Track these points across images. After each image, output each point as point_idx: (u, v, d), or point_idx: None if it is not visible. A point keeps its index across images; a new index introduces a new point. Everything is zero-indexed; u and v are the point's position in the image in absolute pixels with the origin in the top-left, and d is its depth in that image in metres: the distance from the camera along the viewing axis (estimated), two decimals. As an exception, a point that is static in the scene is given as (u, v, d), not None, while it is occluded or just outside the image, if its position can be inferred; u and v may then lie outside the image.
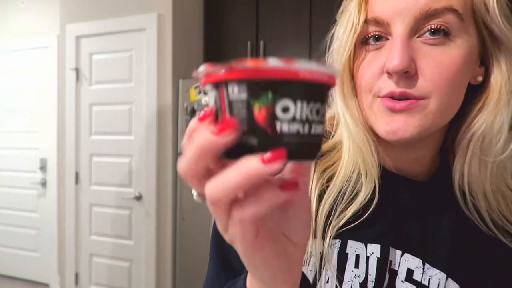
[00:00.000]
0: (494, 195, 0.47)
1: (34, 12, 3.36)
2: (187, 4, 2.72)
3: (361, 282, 0.45)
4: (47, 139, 3.26)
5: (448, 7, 0.40)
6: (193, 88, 2.56)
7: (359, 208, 0.46)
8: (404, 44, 0.40)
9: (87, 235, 2.81)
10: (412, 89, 0.41)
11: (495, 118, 0.43)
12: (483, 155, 0.45)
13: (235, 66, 0.26)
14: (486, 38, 0.43)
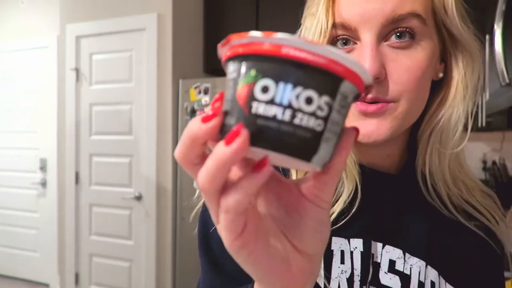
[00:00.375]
0: (454, 182, 0.50)
1: (34, 12, 3.37)
2: (187, 4, 2.72)
3: (348, 277, 0.46)
4: (47, 139, 3.27)
5: (412, 12, 0.41)
6: (193, 88, 2.56)
7: (343, 207, 0.47)
8: (374, 52, 0.41)
9: (87, 235, 2.81)
10: (384, 94, 0.43)
11: (452, 112, 0.46)
12: (442, 147, 0.47)
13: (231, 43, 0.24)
14: (446, 38, 0.46)
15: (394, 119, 0.44)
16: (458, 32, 0.44)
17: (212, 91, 2.51)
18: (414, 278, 0.47)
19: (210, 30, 2.88)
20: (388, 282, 0.47)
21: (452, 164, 0.49)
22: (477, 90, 0.47)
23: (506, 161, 2.49)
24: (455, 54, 0.46)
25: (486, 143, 2.60)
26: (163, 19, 2.56)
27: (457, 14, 0.44)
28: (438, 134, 0.47)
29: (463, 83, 0.46)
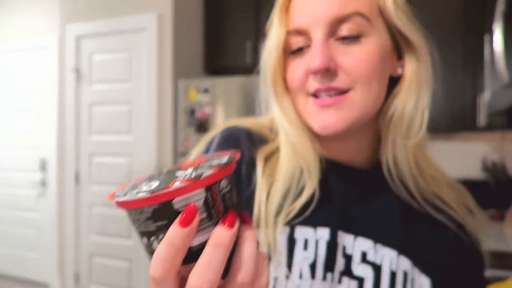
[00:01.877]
0: (422, 176, 0.52)
1: (34, 12, 3.36)
2: (187, 4, 2.72)
3: (310, 263, 0.48)
4: (47, 139, 3.26)
5: (355, 12, 0.46)
6: (193, 88, 2.56)
7: (305, 202, 0.50)
8: (322, 46, 0.46)
9: (87, 235, 2.81)
10: (338, 83, 0.47)
11: (405, 105, 0.49)
12: (401, 140, 0.50)
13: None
14: (396, 34, 0.49)
15: (350, 110, 0.47)
16: (403, 27, 0.48)
17: (212, 91, 2.51)
18: (386, 268, 0.49)
19: (210, 30, 2.88)
20: (360, 272, 0.49)
21: (417, 157, 0.51)
22: (429, 86, 0.50)
23: (506, 161, 2.49)
24: (408, 51, 0.50)
25: (486, 143, 2.60)
26: (163, 19, 2.56)
27: (402, 14, 0.48)
28: (394, 127, 0.50)
29: (416, 78, 0.49)
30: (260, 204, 0.50)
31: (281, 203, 0.50)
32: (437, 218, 0.52)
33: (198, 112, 2.54)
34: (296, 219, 0.50)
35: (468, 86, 2.32)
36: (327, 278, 0.48)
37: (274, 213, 0.49)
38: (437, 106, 2.13)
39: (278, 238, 0.48)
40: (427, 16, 2.23)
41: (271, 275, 0.47)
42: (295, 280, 0.48)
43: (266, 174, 0.52)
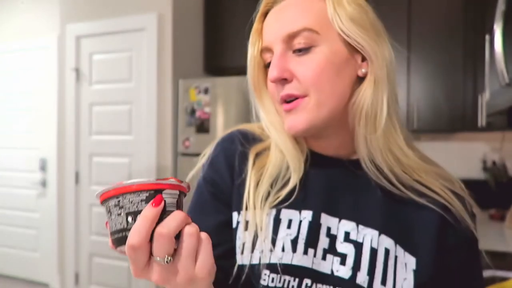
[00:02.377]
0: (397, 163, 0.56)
1: (34, 12, 3.37)
2: (187, 4, 2.72)
3: (292, 239, 0.55)
4: (47, 139, 3.26)
5: (303, 28, 0.53)
6: (193, 88, 2.56)
7: (290, 190, 0.57)
8: (278, 59, 0.55)
9: (87, 235, 2.81)
10: (293, 90, 0.55)
11: (365, 101, 0.54)
12: (367, 133, 0.55)
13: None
14: (350, 40, 0.54)
15: (307, 111, 0.54)
16: (354, 37, 0.53)
17: (212, 91, 2.51)
18: (366, 245, 0.55)
19: (210, 30, 2.88)
20: (343, 250, 0.55)
21: (391, 148, 0.56)
22: (389, 83, 0.55)
23: (506, 161, 2.49)
24: (364, 51, 0.55)
25: (486, 143, 2.60)
26: (163, 19, 2.56)
27: (350, 22, 0.53)
28: (360, 121, 0.55)
29: (373, 77, 0.54)
30: (249, 191, 0.58)
31: (268, 190, 0.57)
32: (420, 201, 0.56)
33: (198, 112, 2.54)
34: (282, 204, 0.57)
35: (468, 86, 2.32)
36: (308, 253, 0.54)
37: (261, 198, 0.57)
38: (437, 106, 2.13)
39: (265, 219, 0.56)
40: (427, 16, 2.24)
41: (258, 249, 0.55)
42: (278, 253, 0.54)
43: (256, 166, 0.60)
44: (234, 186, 0.60)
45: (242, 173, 0.60)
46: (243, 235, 0.57)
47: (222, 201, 0.61)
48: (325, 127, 0.56)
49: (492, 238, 1.86)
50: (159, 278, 0.40)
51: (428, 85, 2.40)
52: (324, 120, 0.55)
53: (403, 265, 0.54)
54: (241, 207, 0.58)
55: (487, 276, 1.28)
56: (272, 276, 0.54)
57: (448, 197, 0.57)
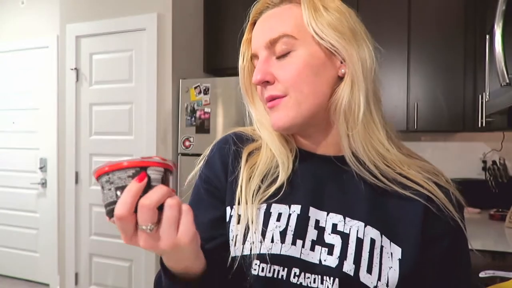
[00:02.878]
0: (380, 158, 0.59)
1: (34, 12, 3.37)
2: (187, 4, 2.72)
3: (281, 231, 0.59)
4: (47, 139, 3.27)
5: (282, 35, 0.59)
6: (193, 88, 2.56)
7: (279, 186, 0.61)
8: (262, 64, 0.60)
9: (87, 235, 2.81)
10: (275, 92, 0.60)
11: (343, 98, 0.58)
12: (348, 130, 0.59)
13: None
14: (325, 42, 0.58)
15: (287, 109, 0.59)
16: (328, 39, 0.57)
17: (212, 91, 2.51)
18: (353, 235, 0.58)
19: (210, 30, 2.88)
20: (331, 240, 0.58)
21: (373, 144, 0.59)
22: (367, 82, 0.58)
23: (506, 161, 2.49)
24: (340, 53, 0.59)
25: (486, 143, 2.60)
26: (163, 19, 2.56)
27: (324, 27, 0.58)
28: (339, 117, 0.59)
29: (349, 76, 0.58)
30: (241, 186, 0.62)
31: (259, 185, 0.62)
32: (404, 193, 0.58)
33: (198, 112, 2.54)
34: (272, 199, 0.61)
35: (468, 86, 2.32)
36: (297, 244, 0.58)
37: (252, 193, 0.61)
38: (437, 106, 2.13)
39: (255, 212, 0.60)
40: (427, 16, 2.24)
41: (249, 241, 0.59)
42: (267, 244, 0.58)
43: (248, 163, 0.65)
44: (228, 183, 0.65)
45: (235, 171, 0.65)
46: (235, 228, 0.61)
47: (216, 197, 0.65)
48: (307, 124, 0.61)
49: (492, 238, 1.86)
50: (145, 244, 0.44)
51: (428, 85, 2.40)
52: (305, 117, 0.59)
53: (389, 255, 0.57)
54: (234, 202, 0.62)
55: (487, 276, 1.28)
56: (262, 266, 0.58)
57: (431, 188, 0.59)
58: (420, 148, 2.71)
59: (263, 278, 0.57)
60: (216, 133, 2.49)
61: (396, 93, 2.45)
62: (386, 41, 2.44)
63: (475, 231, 1.96)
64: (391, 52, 2.44)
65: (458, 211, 0.60)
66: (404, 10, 2.42)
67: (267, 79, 0.60)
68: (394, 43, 2.43)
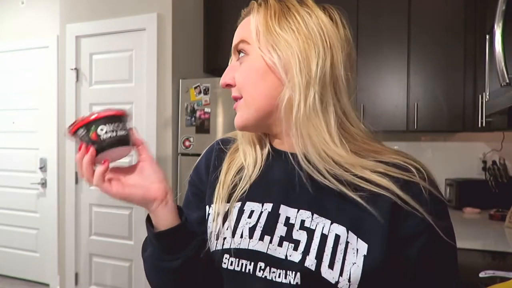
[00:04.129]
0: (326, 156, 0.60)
1: (34, 12, 3.37)
2: (187, 4, 2.72)
3: (250, 227, 0.63)
4: (47, 139, 3.27)
5: (240, 40, 0.65)
6: (193, 88, 2.56)
7: (251, 185, 0.66)
8: (228, 68, 0.67)
9: (87, 235, 2.81)
10: (234, 93, 0.66)
11: (284, 100, 0.60)
12: (289, 128, 0.61)
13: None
14: (262, 53, 0.61)
15: (243, 110, 0.64)
16: (268, 61, 0.60)
17: (212, 91, 2.51)
18: (318, 231, 0.59)
19: (210, 30, 2.89)
20: (297, 236, 0.60)
21: (322, 146, 0.60)
22: (307, 89, 0.59)
23: (506, 161, 2.49)
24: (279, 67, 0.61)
25: (486, 143, 2.60)
26: (163, 19, 2.56)
27: (265, 35, 0.61)
28: (282, 119, 0.62)
29: (291, 85, 0.60)
30: (220, 182, 0.68)
31: (235, 183, 0.67)
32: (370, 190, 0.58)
33: (198, 112, 2.54)
34: (248, 195, 0.65)
35: (468, 86, 2.32)
36: (264, 240, 0.61)
37: (228, 191, 0.66)
38: (437, 106, 2.13)
39: (224, 209, 0.65)
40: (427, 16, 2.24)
41: (222, 236, 0.64)
42: (236, 239, 0.62)
43: (229, 161, 0.70)
44: (209, 182, 0.71)
45: (218, 168, 0.70)
46: (211, 225, 0.66)
47: (200, 198, 0.72)
48: (265, 123, 0.65)
49: (492, 238, 1.86)
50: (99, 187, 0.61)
51: (428, 85, 2.40)
52: (256, 117, 0.64)
53: (355, 251, 0.57)
54: (212, 200, 0.67)
55: (487, 276, 1.28)
56: (231, 260, 0.62)
57: (394, 188, 0.57)
58: (420, 148, 2.71)
59: (232, 271, 0.62)
60: (216, 133, 2.49)
61: (396, 93, 2.45)
62: (386, 41, 2.44)
63: (475, 231, 1.96)
64: (391, 52, 2.44)
65: (432, 208, 0.57)
66: (404, 10, 2.42)
67: (228, 82, 0.66)
68: (394, 43, 2.43)
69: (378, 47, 2.44)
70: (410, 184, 0.58)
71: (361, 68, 2.46)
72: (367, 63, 2.47)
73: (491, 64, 1.56)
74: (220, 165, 0.70)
